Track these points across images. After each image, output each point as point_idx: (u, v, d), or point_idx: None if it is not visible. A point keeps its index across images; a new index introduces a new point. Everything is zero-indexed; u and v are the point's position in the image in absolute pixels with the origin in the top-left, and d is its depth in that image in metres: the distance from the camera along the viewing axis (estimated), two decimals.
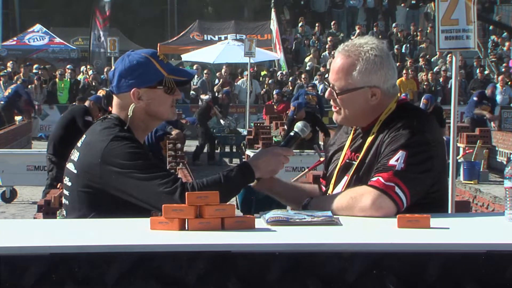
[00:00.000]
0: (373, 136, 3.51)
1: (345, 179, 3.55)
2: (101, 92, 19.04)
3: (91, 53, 33.97)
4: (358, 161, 3.52)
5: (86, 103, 12.73)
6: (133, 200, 3.36)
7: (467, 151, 16.96)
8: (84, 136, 3.60)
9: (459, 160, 16.48)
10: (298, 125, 3.69)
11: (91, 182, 3.43)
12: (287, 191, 3.75)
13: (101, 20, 33.61)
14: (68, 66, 29.49)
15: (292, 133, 3.68)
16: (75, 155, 3.54)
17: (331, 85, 3.58)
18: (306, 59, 31.11)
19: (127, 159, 3.38)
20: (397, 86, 3.66)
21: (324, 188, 3.77)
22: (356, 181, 3.47)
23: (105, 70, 28.98)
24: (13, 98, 23.91)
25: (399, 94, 3.66)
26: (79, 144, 3.58)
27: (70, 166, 3.55)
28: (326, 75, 24.41)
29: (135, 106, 3.54)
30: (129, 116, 3.54)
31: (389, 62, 3.56)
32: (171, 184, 3.31)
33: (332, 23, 33.26)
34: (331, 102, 3.61)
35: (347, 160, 3.59)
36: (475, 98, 20.81)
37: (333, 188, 3.61)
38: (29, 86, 26.93)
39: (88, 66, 30.16)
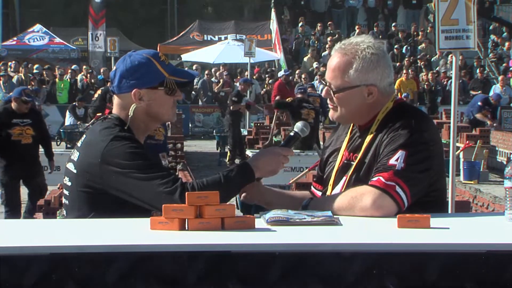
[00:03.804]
0: (371, 136, 3.51)
1: (344, 180, 3.55)
2: (97, 92, 18.92)
3: (89, 53, 33.98)
4: (356, 161, 3.52)
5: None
6: (133, 200, 3.36)
7: (467, 145, 16.95)
8: (84, 136, 3.61)
9: (459, 154, 16.48)
10: (298, 125, 3.69)
11: (91, 182, 3.43)
12: (279, 200, 3.64)
13: (96, 19, 33.59)
14: (73, 67, 29.44)
15: (292, 133, 3.68)
16: (75, 155, 3.54)
17: (327, 84, 3.58)
18: (305, 59, 31.10)
19: (127, 159, 3.38)
20: (393, 85, 3.67)
21: (316, 192, 3.76)
22: (355, 182, 3.46)
23: (102, 70, 28.95)
24: None
25: (399, 94, 3.66)
26: (79, 144, 3.58)
27: (70, 166, 3.55)
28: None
29: (136, 106, 3.54)
30: (130, 116, 3.55)
31: (385, 60, 3.56)
32: (171, 184, 3.31)
33: (328, 24, 33.23)
34: (328, 100, 3.61)
35: (345, 161, 3.59)
36: (479, 103, 20.92)
37: (332, 190, 3.60)
38: (28, 86, 26.88)
39: (86, 66, 30.14)
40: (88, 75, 28.02)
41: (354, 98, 3.52)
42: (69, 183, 3.55)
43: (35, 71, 28.61)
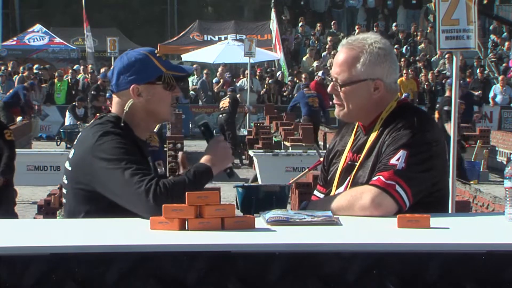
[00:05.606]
0: (374, 135, 3.51)
1: (347, 181, 3.54)
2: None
3: (87, 53, 34.04)
4: (359, 161, 3.51)
5: None
6: (113, 197, 3.32)
7: (467, 145, 16.97)
8: (80, 133, 3.62)
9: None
10: (197, 120, 3.77)
11: (83, 178, 3.41)
12: None
13: (84, 19, 33.66)
14: (75, 67, 29.45)
15: (202, 127, 3.66)
16: (71, 152, 3.54)
17: (334, 79, 3.58)
18: (304, 58, 31.11)
19: (111, 154, 3.34)
20: (397, 83, 3.67)
21: (318, 196, 3.75)
22: (358, 182, 3.46)
23: (102, 70, 28.97)
24: (12, 99, 23.87)
25: (399, 94, 3.66)
26: (75, 142, 3.59)
27: (67, 164, 3.54)
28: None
29: (133, 102, 3.53)
30: (125, 111, 3.53)
31: (391, 56, 3.57)
32: (145, 184, 3.23)
33: (332, 23, 33.26)
34: (334, 97, 3.61)
35: (349, 162, 3.58)
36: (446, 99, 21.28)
37: (335, 190, 3.59)
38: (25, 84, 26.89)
39: (92, 65, 30.17)
40: (90, 75, 28.00)
41: (360, 92, 3.52)
42: (66, 181, 3.54)
43: (35, 71, 28.61)
